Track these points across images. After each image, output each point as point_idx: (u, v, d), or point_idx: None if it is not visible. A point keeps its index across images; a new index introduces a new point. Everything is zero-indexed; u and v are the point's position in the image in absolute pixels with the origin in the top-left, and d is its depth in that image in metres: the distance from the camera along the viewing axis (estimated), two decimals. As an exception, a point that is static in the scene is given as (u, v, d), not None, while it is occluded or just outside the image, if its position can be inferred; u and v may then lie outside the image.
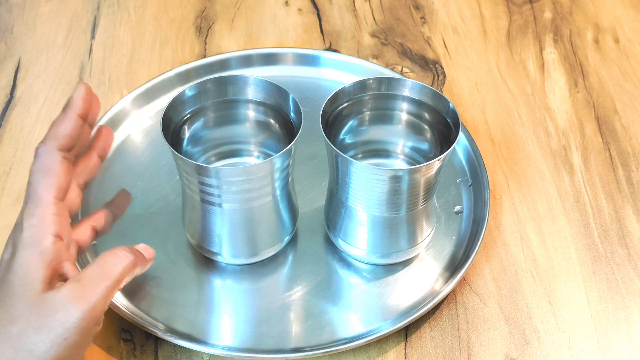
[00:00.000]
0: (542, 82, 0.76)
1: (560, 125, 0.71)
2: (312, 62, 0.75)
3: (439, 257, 0.60)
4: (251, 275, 0.58)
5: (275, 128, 0.58)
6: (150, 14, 0.83)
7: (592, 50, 0.79)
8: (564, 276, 0.59)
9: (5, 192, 0.65)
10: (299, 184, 0.58)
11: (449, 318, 0.57)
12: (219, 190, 0.52)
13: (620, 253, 0.61)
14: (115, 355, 0.54)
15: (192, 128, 0.57)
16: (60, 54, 0.78)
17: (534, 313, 0.57)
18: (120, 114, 0.69)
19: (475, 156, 0.65)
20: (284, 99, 0.55)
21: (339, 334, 0.55)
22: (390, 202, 0.53)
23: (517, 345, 0.55)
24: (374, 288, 0.58)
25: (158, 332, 0.53)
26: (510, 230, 0.62)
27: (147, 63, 0.77)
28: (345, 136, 0.58)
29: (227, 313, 0.57)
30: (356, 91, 0.56)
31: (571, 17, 0.83)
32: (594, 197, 0.65)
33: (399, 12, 0.84)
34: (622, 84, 0.75)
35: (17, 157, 0.68)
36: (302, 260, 0.59)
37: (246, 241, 0.56)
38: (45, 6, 0.84)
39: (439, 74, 0.76)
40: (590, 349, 0.55)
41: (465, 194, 0.64)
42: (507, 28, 0.82)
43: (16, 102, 0.73)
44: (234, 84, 0.56)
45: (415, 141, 0.58)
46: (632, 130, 0.71)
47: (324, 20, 0.82)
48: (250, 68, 0.74)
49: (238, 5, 0.84)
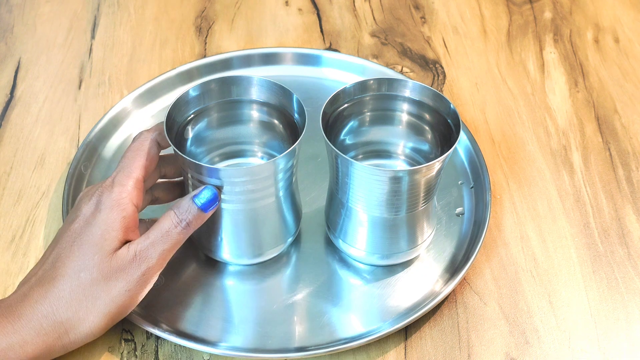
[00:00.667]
0: (542, 82, 0.76)
1: (560, 125, 0.71)
2: (313, 62, 0.75)
3: (440, 258, 0.60)
4: (253, 275, 0.59)
5: (279, 128, 0.58)
6: (151, 14, 0.83)
7: (592, 50, 0.79)
8: (564, 276, 0.59)
9: (5, 192, 0.65)
10: (300, 184, 0.59)
11: (449, 318, 0.57)
12: (222, 191, 0.52)
13: (620, 252, 0.61)
14: (116, 355, 0.54)
15: (196, 128, 0.57)
16: (61, 54, 0.78)
17: (534, 312, 0.57)
18: (122, 113, 0.69)
19: (477, 157, 0.65)
20: (287, 99, 0.55)
21: (339, 334, 0.55)
22: (391, 203, 0.53)
23: (517, 345, 0.55)
24: (374, 289, 0.58)
25: (159, 331, 0.53)
26: (510, 229, 0.62)
27: (147, 63, 0.77)
28: (345, 137, 0.58)
29: (228, 313, 0.57)
30: (357, 92, 0.56)
31: (571, 17, 0.83)
32: (594, 196, 0.65)
33: (399, 11, 0.84)
34: (622, 83, 0.76)
35: (17, 157, 0.68)
36: (302, 260, 0.60)
37: (249, 242, 0.56)
38: (46, 6, 0.84)
39: (439, 74, 0.77)
40: (590, 349, 0.55)
41: (466, 195, 0.64)
42: (507, 28, 0.82)
43: (16, 102, 0.73)
44: (237, 85, 0.56)
45: (416, 142, 0.58)
46: (632, 130, 0.71)
47: (324, 20, 0.82)
48: (251, 68, 0.74)
49: (238, 5, 0.84)
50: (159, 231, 0.51)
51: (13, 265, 0.60)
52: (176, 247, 0.52)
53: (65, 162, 0.67)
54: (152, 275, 0.51)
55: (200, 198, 0.52)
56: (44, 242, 0.61)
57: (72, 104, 0.73)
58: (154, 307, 0.56)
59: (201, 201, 0.52)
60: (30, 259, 0.60)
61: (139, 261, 0.50)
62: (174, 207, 0.52)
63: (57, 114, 0.72)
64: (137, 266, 0.50)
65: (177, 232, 0.51)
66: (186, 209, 0.52)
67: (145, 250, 0.50)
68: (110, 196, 0.51)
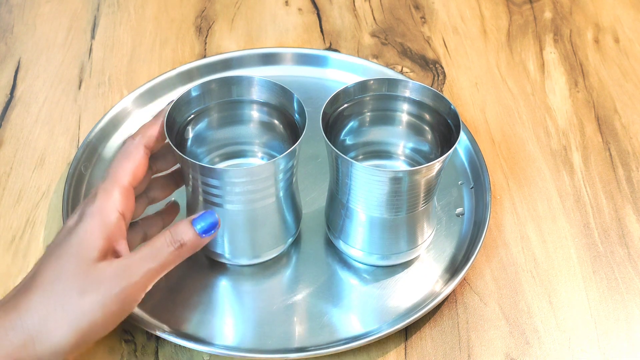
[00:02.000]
0: (542, 82, 0.76)
1: (560, 125, 0.71)
2: (313, 62, 0.75)
3: (440, 259, 0.60)
4: (253, 276, 0.59)
5: (279, 129, 0.58)
6: (150, 14, 0.83)
7: (592, 50, 0.79)
8: (564, 276, 0.59)
9: (5, 192, 0.65)
10: (300, 184, 0.59)
11: (449, 318, 0.57)
12: (222, 191, 0.52)
13: (620, 253, 0.61)
14: (117, 356, 0.54)
15: (196, 128, 0.57)
16: (60, 54, 0.78)
17: (534, 313, 0.57)
18: (122, 113, 0.69)
19: (477, 158, 0.65)
20: (288, 99, 0.55)
21: (339, 335, 0.55)
22: (391, 203, 0.53)
23: (517, 345, 0.55)
24: (375, 289, 0.58)
25: (159, 332, 0.53)
26: (510, 230, 0.62)
27: (147, 63, 0.77)
28: (345, 137, 0.58)
29: (228, 313, 0.57)
30: (357, 92, 0.56)
31: (571, 17, 0.83)
32: (594, 196, 0.65)
33: (399, 11, 0.84)
34: (622, 83, 0.76)
35: (17, 157, 0.68)
36: (303, 261, 0.60)
37: (249, 242, 0.56)
38: (45, 6, 0.84)
39: (439, 74, 0.77)
40: (590, 349, 0.55)
41: (466, 195, 0.64)
42: (507, 28, 0.82)
43: (16, 102, 0.73)
44: (238, 85, 0.56)
45: (416, 142, 0.58)
46: (632, 130, 0.71)
47: (324, 20, 0.82)
48: (251, 68, 0.74)
49: (238, 5, 0.84)
50: (149, 248, 0.48)
51: (13, 266, 0.60)
52: (165, 268, 0.49)
53: (65, 162, 0.67)
54: (133, 295, 0.48)
55: (199, 222, 0.50)
56: (44, 242, 0.61)
57: (72, 104, 0.73)
58: (155, 307, 0.56)
59: (200, 225, 0.50)
60: (30, 260, 0.60)
61: (120, 276, 0.47)
62: (170, 227, 0.50)
63: (57, 114, 0.72)
64: (117, 281, 0.47)
65: (168, 252, 0.48)
66: (182, 231, 0.49)
67: (129, 265, 0.47)
68: (93, 204, 0.49)
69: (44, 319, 0.46)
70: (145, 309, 0.56)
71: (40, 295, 0.46)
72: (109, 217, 0.48)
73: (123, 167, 0.51)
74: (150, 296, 0.55)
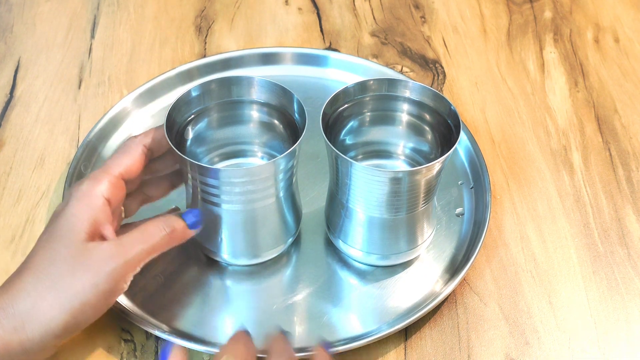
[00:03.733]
0: (542, 82, 0.76)
1: (560, 124, 0.71)
2: (313, 61, 0.75)
3: (439, 259, 0.60)
4: (252, 275, 0.59)
5: (279, 129, 0.58)
6: (150, 14, 0.83)
7: (592, 49, 0.79)
8: (564, 276, 0.59)
9: (5, 192, 0.65)
10: (300, 184, 0.59)
11: (449, 318, 0.57)
12: (222, 191, 0.52)
13: (620, 253, 0.61)
14: (116, 355, 0.54)
15: (196, 128, 0.57)
16: (60, 54, 0.78)
17: (534, 313, 0.57)
18: (122, 113, 0.69)
19: (477, 158, 0.65)
20: (288, 100, 0.55)
21: (339, 335, 0.55)
22: (390, 203, 0.53)
23: (517, 345, 0.55)
24: (374, 289, 0.58)
25: (159, 332, 0.53)
26: (510, 230, 0.62)
27: (147, 62, 0.77)
28: (345, 137, 0.58)
29: (228, 313, 0.57)
30: (357, 92, 0.56)
31: (571, 17, 0.83)
32: (594, 197, 0.65)
33: (399, 11, 0.84)
34: (622, 83, 0.76)
35: (17, 157, 0.68)
36: (302, 261, 0.60)
37: (249, 242, 0.56)
38: (45, 5, 0.83)
39: (439, 74, 0.76)
40: (590, 349, 0.55)
41: (466, 195, 0.64)
42: (507, 27, 0.82)
43: (16, 102, 0.73)
44: (238, 85, 0.56)
45: (416, 142, 0.58)
46: (632, 129, 0.71)
47: (323, 20, 0.82)
48: (251, 67, 0.74)
49: (238, 5, 0.84)
50: (140, 231, 0.50)
51: (12, 265, 0.59)
52: (156, 251, 0.50)
53: (65, 162, 0.67)
54: (124, 275, 0.49)
55: (186, 215, 0.53)
56: (43, 242, 0.61)
57: (72, 104, 0.73)
58: (154, 307, 0.56)
59: (189, 218, 0.53)
60: (30, 259, 0.60)
61: (111, 255, 0.48)
62: (160, 215, 0.52)
63: (56, 114, 0.72)
64: (108, 259, 0.48)
65: (161, 235, 0.50)
66: (174, 219, 0.52)
67: (122, 244, 0.49)
68: (79, 189, 0.50)
69: (36, 301, 0.46)
70: (145, 308, 0.56)
71: (32, 278, 0.47)
72: (94, 201, 0.50)
73: (118, 159, 0.52)
74: (150, 296, 0.55)
